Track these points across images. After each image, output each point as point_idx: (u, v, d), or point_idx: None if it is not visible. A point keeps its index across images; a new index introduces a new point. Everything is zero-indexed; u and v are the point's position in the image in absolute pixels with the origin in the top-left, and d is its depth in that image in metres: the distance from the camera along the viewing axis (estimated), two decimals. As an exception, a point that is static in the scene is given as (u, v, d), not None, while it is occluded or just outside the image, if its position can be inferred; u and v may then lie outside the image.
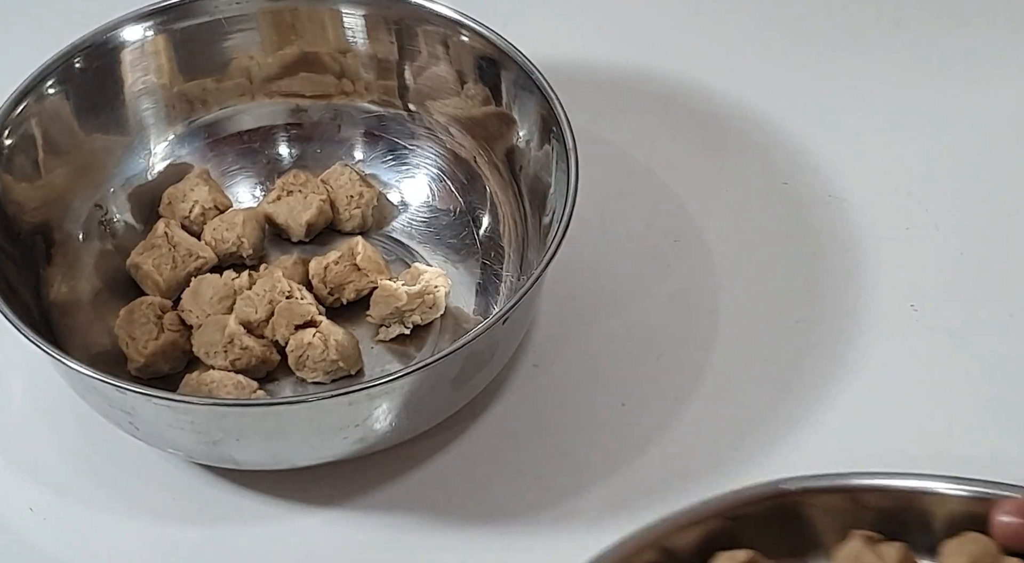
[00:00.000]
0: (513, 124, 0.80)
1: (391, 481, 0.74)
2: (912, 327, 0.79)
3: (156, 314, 0.76)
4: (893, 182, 0.86)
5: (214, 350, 0.74)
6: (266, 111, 0.86)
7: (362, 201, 0.82)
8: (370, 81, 0.84)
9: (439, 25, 0.81)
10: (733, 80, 0.91)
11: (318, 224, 0.81)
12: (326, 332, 0.75)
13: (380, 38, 0.83)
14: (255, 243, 0.80)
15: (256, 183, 0.85)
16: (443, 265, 0.81)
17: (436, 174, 0.84)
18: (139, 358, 0.75)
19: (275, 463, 0.71)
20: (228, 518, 0.73)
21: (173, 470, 0.75)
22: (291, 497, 0.73)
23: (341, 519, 0.72)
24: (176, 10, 0.81)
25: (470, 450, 0.75)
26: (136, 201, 0.83)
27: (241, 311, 0.76)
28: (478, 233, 0.82)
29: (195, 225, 0.81)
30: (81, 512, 0.73)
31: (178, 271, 0.78)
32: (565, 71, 0.88)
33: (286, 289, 0.76)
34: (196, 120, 0.85)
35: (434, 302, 0.77)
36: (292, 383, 0.76)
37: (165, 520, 0.73)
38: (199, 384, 0.73)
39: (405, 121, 0.85)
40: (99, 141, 0.81)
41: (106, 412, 0.71)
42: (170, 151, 0.84)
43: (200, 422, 0.68)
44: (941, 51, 0.94)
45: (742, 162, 0.88)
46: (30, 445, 0.76)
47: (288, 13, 0.83)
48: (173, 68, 0.83)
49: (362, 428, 0.69)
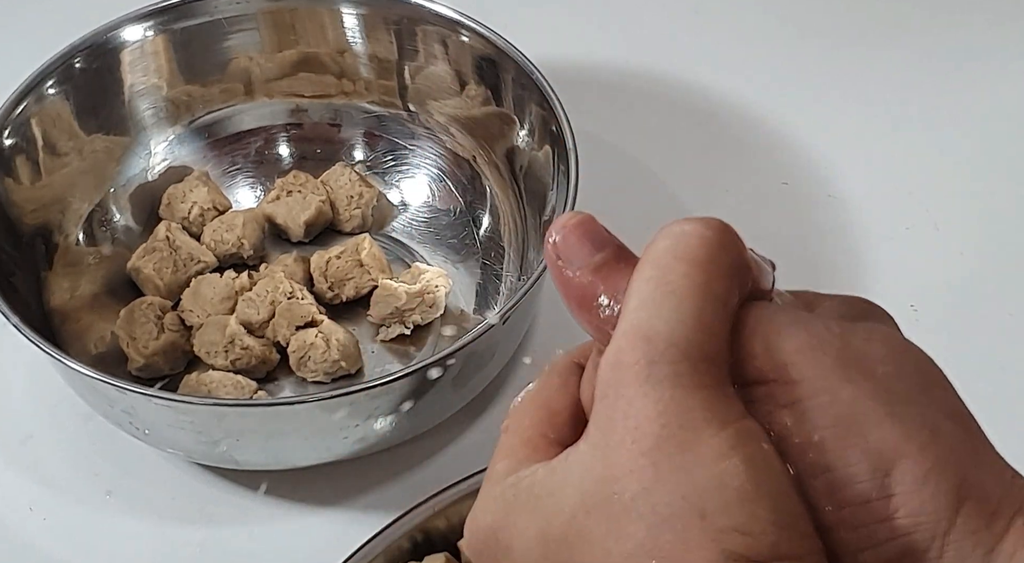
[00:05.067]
0: (513, 124, 0.80)
1: (391, 481, 0.74)
2: (912, 327, 0.78)
3: (156, 314, 0.76)
4: (893, 182, 0.86)
5: (215, 350, 0.75)
6: (266, 111, 0.86)
7: (362, 201, 0.82)
8: (370, 81, 0.84)
9: (439, 25, 0.81)
10: (733, 80, 0.91)
11: (317, 224, 0.81)
12: (327, 332, 0.75)
13: (380, 38, 0.83)
14: (255, 244, 0.80)
15: (256, 183, 0.85)
16: (443, 265, 0.81)
17: (436, 174, 0.84)
18: (139, 358, 0.75)
19: (275, 463, 0.71)
20: (228, 518, 0.73)
21: (173, 470, 0.75)
22: (291, 497, 0.73)
23: (341, 519, 0.73)
24: (176, 10, 0.81)
25: (470, 450, 0.75)
26: (136, 202, 0.83)
27: (243, 312, 0.76)
28: (478, 233, 0.82)
29: (194, 226, 0.81)
30: (81, 512, 0.73)
31: (179, 274, 0.78)
32: (565, 71, 0.88)
33: (287, 290, 0.76)
34: (196, 120, 0.85)
35: (434, 302, 0.77)
36: (292, 383, 0.76)
37: (165, 520, 0.73)
38: (199, 384, 0.73)
39: (405, 121, 0.85)
40: (99, 141, 0.81)
41: (106, 412, 0.71)
42: (170, 151, 0.84)
43: (200, 422, 0.68)
44: (941, 51, 0.94)
45: (742, 162, 0.88)
46: (30, 445, 0.76)
47: (288, 13, 0.83)
48: (173, 68, 0.83)
49: (362, 428, 0.69)
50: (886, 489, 0.35)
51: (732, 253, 0.38)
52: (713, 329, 0.36)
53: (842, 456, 0.35)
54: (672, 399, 0.35)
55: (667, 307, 0.36)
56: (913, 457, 0.35)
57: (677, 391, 0.35)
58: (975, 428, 0.38)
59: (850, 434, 0.35)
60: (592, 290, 0.39)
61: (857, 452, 0.35)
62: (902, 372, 0.37)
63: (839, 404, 0.36)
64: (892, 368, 0.37)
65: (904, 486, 0.35)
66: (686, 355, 0.36)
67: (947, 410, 0.37)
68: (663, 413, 0.35)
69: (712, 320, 0.36)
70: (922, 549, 0.35)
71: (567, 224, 0.39)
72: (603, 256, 0.39)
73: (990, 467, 0.36)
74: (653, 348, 0.36)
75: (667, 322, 0.36)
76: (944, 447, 0.36)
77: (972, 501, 0.35)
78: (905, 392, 0.36)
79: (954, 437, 0.36)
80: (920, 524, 0.35)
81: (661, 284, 0.37)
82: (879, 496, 0.35)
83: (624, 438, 0.35)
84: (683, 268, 0.37)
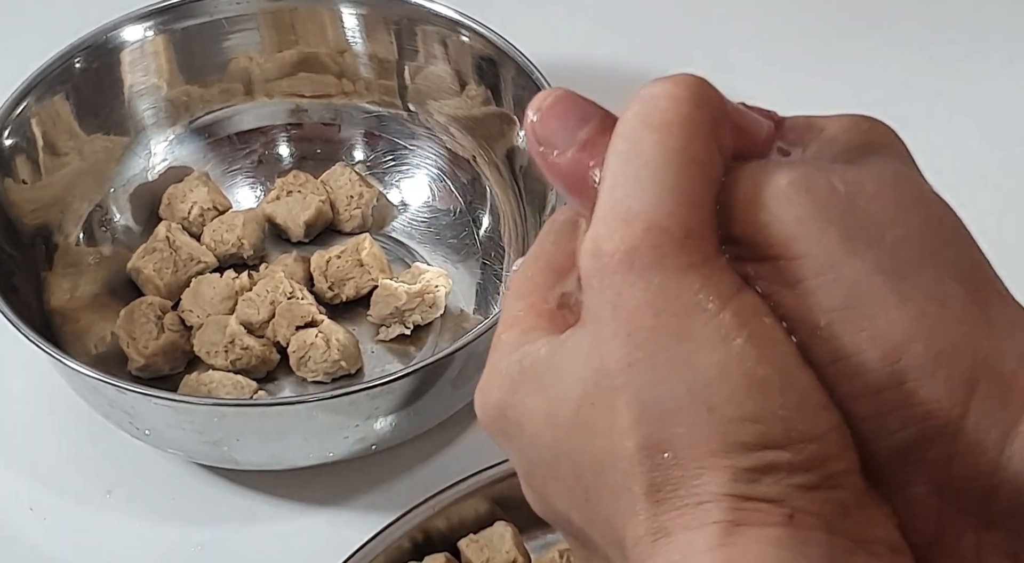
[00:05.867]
0: (513, 124, 0.80)
1: (391, 481, 0.74)
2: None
3: (156, 314, 0.76)
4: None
5: (215, 350, 0.74)
6: (266, 111, 0.86)
7: (362, 201, 0.82)
8: (370, 81, 0.84)
9: (439, 25, 0.81)
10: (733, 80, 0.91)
11: (317, 225, 0.81)
12: (328, 332, 0.75)
13: (380, 38, 0.83)
14: (255, 244, 0.80)
15: (256, 183, 0.85)
16: (443, 265, 0.81)
17: (436, 174, 0.84)
18: (139, 358, 0.75)
19: (275, 463, 0.71)
20: (228, 518, 0.73)
21: (173, 470, 0.75)
22: (291, 497, 0.73)
23: (341, 519, 0.73)
24: (176, 10, 0.81)
25: (470, 450, 0.75)
26: (136, 202, 0.83)
27: (243, 312, 0.76)
28: (478, 233, 0.82)
29: (195, 226, 0.81)
30: (81, 512, 0.73)
31: (179, 275, 0.78)
32: (565, 71, 0.87)
33: (287, 290, 0.76)
34: (196, 120, 0.85)
35: (434, 302, 0.77)
36: (292, 383, 0.76)
37: (165, 520, 0.73)
38: (199, 384, 0.73)
39: (405, 121, 0.85)
40: (99, 141, 0.81)
41: (107, 412, 0.71)
42: (170, 151, 0.84)
43: (200, 422, 0.68)
44: (941, 51, 0.94)
45: (742, 162, 0.88)
46: (30, 445, 0.76)
47: (288, 13, 0.83)
48: (173, 68, 0.83)
49: (362, 428, 0.69)
50: (897, 377, 0.33)
51: (709, 110, 0.34)
52: (695, 199, 0.33)
53: (850, 343, 0.33)
54: (661, 285, 0.33)
55: (642, 182, 0.33)
56: (923, 340, 0.33)
57: (665, 276, 0.33)
58: (988, 283, 0.35)
59: (857, 318, 0.33)
60: (582, 169, 0.36)
61: (865, 338, 0.33)
62: (911, 234, 0.34)
63: (844, 283, 0.33)
64: (901, 231, 0.34)
65: (915, 373, 0.33)
66: (669, 235, 0.33)
67: (958, 270, 0.34)
68: (653, 301, 0.33)
69: (693, 189, 0.33)
70: (936, 435, 0.33)
71: (543, 106, 0.36)
72: (588, 130, 0.36)
73: (1005, 333, 0.34)
74: (632, 232, 0.33)
75: (644, 200, 0.33)
76: (955, 323, 0.33)
77: (986, 381, 0.33)
78: (914, 258, 0.34)
79: (965, 307, 0.34)
80: (933, 412, 0.33)
81: (633, 157, 0.34)
82: (890, 385, 0.33)
83: (618, 331, 0.33)
84: (655, 136, 0.34)
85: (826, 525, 0.32)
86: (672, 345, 0.33)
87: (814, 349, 0.33)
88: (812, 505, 0.33)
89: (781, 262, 0.34)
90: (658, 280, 0.33)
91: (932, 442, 0.33)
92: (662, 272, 0.33)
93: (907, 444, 0.33)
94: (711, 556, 0.32)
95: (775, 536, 0.32)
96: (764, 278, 0.34)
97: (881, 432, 0.33)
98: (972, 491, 0.34)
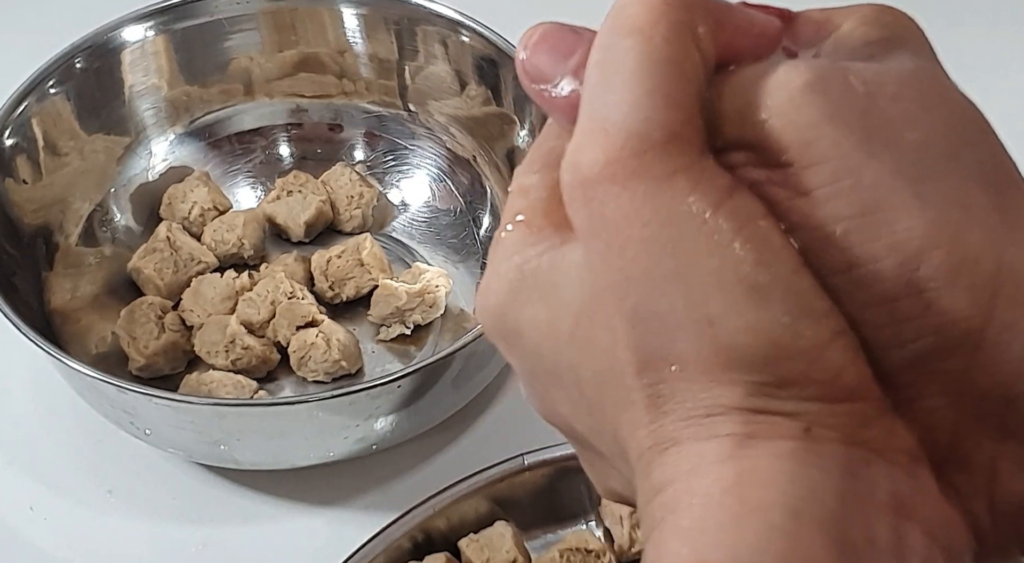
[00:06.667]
0: (513, 124, 0.80)
1: (391, 481, 0.74)
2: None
3: (157, 314, 0.76)
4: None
5: (215, 350, 0.75)
6: (266, 111, 0.86)
7: (362, 201, 0.82)
8: (370, 81, 0.84)
9: (439, 25, 0.81)
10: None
11: (317, 225, 0.81)
12: (328, 332, 0.75)
13: (380, 38, 0.83)
14: (255, 244, 0.80)
15: (256, 183, 0.85)
16: (443, 265, 0.81)
17: (436, 174, 0.84)
18: (140, 358, 0.75)
19: (275, 463, 0.71)
20: (228, 518, 0.73)
21: (173, 470, 0.75)
22: (291, 497, 0.73)
23: (341, 519, 0.73)
24: (176, 10, 0.81)
25: (470, 450, 0.75)
26: (136, 202, 0.83)
27: (243, 312, 0.76)
28: (478, 233, 0.82)
29: (195, 226, 0.81)
30: (81, 512, 0.73)
31: (180, 275, 0.78)
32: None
33: (288, 289, 0.76)
34: (196, 120, 0.85)
35: (434, 302, 0.77)
36: (292, 383, 0.76)
37: (165, 520, 0.73)
38: (199, 384, 0.73)
39: (405, 121, 0.85)
40: (100, 142, 0.81)
41: (107, 412, 0.71)
42: (170, 151, 0.84)
43: (200, 422, 0.68)
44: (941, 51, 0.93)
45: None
46: (30, 445, 0.76)
47: (288, 13, 0.83)
48: (173, 68, 0.83)
49: (362, 428, 0.69)
50: (915, 286, 0.31)
51: (684, 9, 0.33)
52: (674, 101, 0.32)
53: (867, 251, 0.31)
54: (647, 195, 0.31)
55: (617, 90, 0.32)
56: (944, 247, 0.31)
57: (650, 184, 0.31)
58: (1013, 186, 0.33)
59: (875, 225, 0.31)
60: (577, 97, 0.34)
61: (883, 246, 0.31)
62: (932, 136, 0.33)
63: (862, 190, 0.31)
64: (922, 133, 0.32)
65: (935, 282, 0.31)
66: (649, 141, 0.31)
67: (982, 173, 0.33)
68: (640, 212, 0.31)
69: (671, 91, 0.32)
70: (954, 346, 0.32)
71: (529, 42, 0.35)
72: (578, 58, 0.35)
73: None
74: (611, 142, 0.32)
75: (620, 107, 0.32)
76: (978, 229, 0.32)
77: (1009, 289, 0.31)
78: (936, 162, 0.32)
79: (988, 212, 0.32)
80: (953, 322, 0.31)
81: (607, 66, 0.32)
82: (908, 294, 0.31)
83: (609, 246, 0.32)
84: (627, 42, 0.32)
85: (844, 437, 0.32)
86: (665, 256, 0.31)
87: (826, 257, 0.32)
88: (829, 418, 0.32)
89: (794, 168, 0.32)
90: (643, 189, 0.31)
91: (950, 353, 0.32)
92: (646, 180, 0.31)
93: (924, 354, 0.32)
94: (722, 467, 0.31)
95: (790, 449, 0.31)
96: (775, 185, 0.32)
97: (896, 341, 0.32)
98: (989, 402, 0.32)
